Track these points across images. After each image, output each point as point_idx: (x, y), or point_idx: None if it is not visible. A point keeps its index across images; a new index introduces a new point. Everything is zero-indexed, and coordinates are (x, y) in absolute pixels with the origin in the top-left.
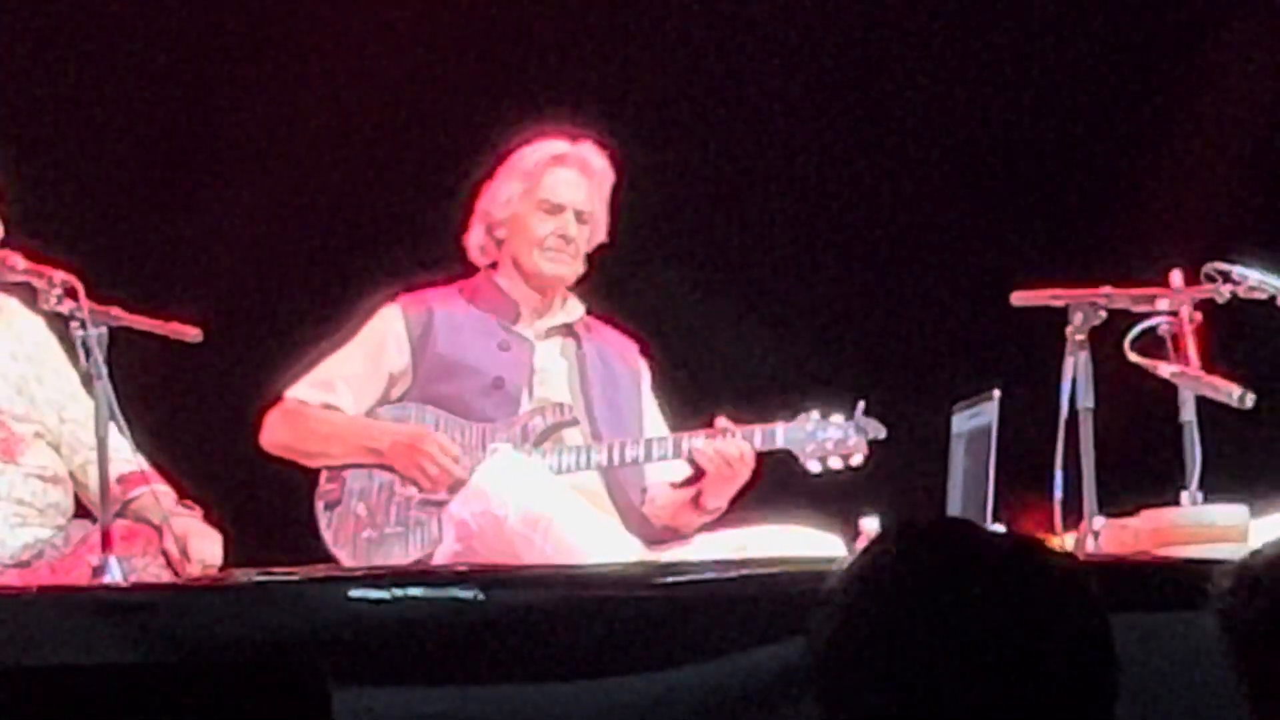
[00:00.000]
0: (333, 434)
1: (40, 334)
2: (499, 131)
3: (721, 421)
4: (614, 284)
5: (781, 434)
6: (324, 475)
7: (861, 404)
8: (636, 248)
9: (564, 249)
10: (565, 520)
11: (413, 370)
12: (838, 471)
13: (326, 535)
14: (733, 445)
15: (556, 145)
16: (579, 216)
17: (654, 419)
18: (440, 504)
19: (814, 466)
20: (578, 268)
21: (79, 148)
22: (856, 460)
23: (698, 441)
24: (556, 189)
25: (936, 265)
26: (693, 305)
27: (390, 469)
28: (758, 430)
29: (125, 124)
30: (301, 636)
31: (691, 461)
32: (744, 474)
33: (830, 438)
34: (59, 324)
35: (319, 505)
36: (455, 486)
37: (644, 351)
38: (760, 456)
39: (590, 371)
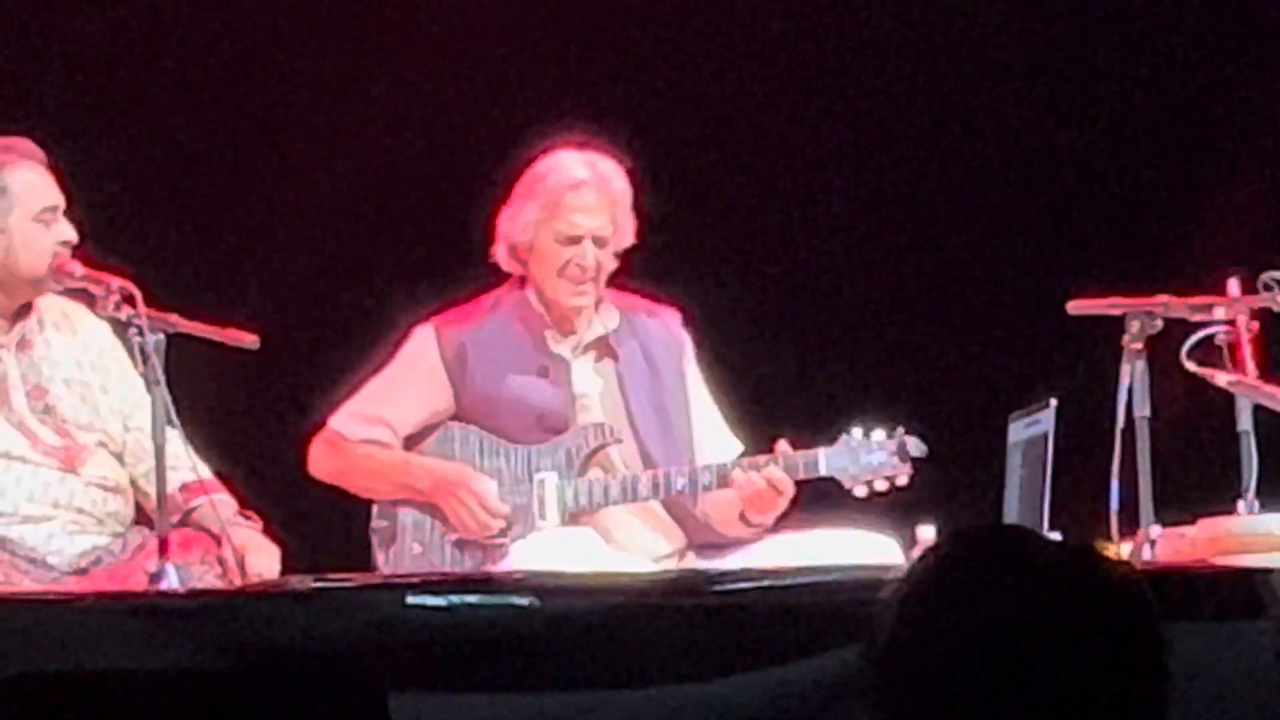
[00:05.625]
0: (375, 471)
1: (106, 341)
2: (536, 137)
3: (782, 446)
4: (655, 280)
5: (824, 462)
6: (375, 510)
7: (901, 429)
8: (680, 249)
9: (583, 278)
10: None
11: (452, 400)
12: (884, 493)
13: (384, 572)
14: (759, 478)
15: (574, 169)
16: (598, 242)
17: (701, 404)
18: (487, 546)
19: (860, 492)
20: (600, 289)
21: (139, 156)
22: (902, 481)
23: (737, 472)
24: (574, 219)
25: (995, 274)
26: (746, 314)
27: (433, 507)
28: (800, 458)
29: (185, 132)
30: (359, 643)
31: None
32: (780, 502)
33: (873, 463)
34: (118, 330)
35: (374, 541)
36: (500, 530)
37: (687, 321)
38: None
39: (630, 387)
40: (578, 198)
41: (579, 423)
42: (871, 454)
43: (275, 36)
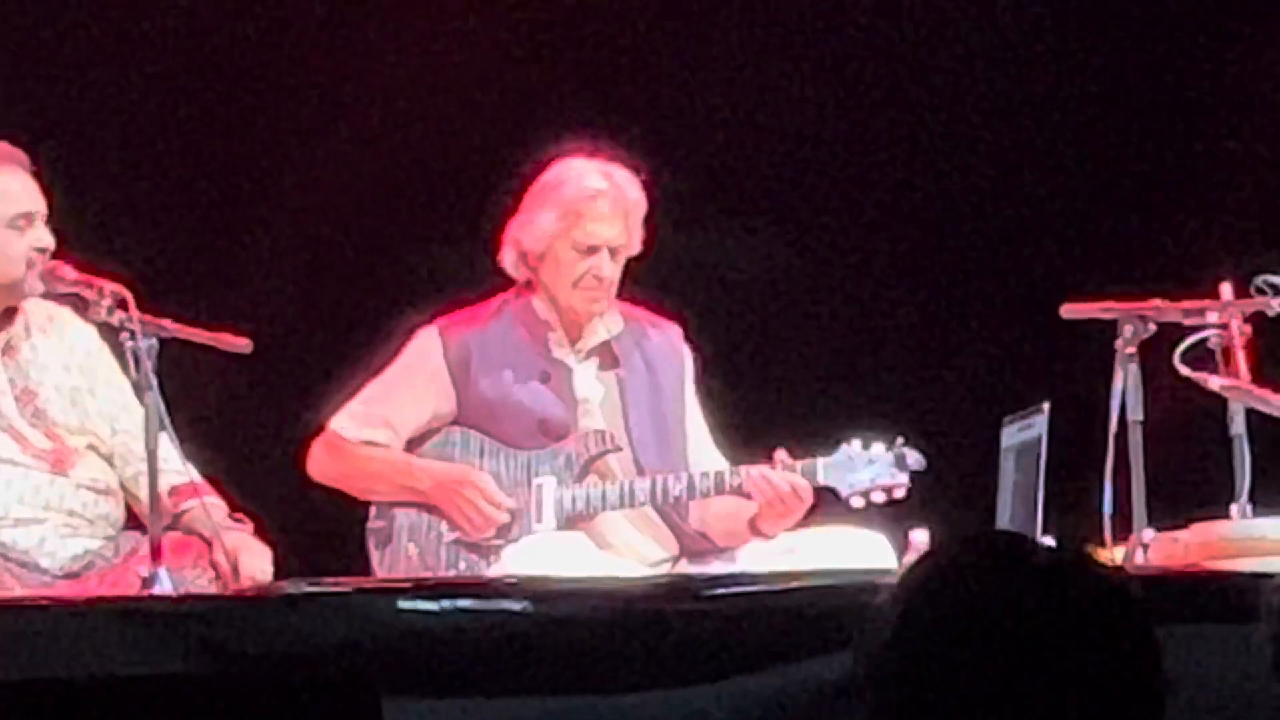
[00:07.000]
0: (376, 472)
1: (92, 344)
2: (538, 144)
3: (780, 455)
4: (657, 286)
5: (822, 471)
6: (373, 510)
7: (900, 439)
8: (681, 253)
9: (597, 287)
10: None
11: (455, 402)
12: (881, 505)
13: (379, 573)
14: (782, 480)
15: (591, 179)
16: (613, 253)
17: (695, 420)
18: (482, 548)
19: (856, 503)
20: (611, 297)
21: (132, 159)
22: (899, 494)
23: (754, 472)
24: (593, 229)
25: (987, 278)
26: (740, 320)
27: (434, 508)
28: (798, 466)
29: (176, 136)
30: (352, 647)
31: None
32: (799, 509)
33: (871, 475)
34: (110, 334)
35: (370, 542)
36: (497, 532)
37: (687, 336)
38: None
39: (630, 394)
40: (595, 208)
41: (580, 428)
42: (870, 465)
43: (270, 37)
